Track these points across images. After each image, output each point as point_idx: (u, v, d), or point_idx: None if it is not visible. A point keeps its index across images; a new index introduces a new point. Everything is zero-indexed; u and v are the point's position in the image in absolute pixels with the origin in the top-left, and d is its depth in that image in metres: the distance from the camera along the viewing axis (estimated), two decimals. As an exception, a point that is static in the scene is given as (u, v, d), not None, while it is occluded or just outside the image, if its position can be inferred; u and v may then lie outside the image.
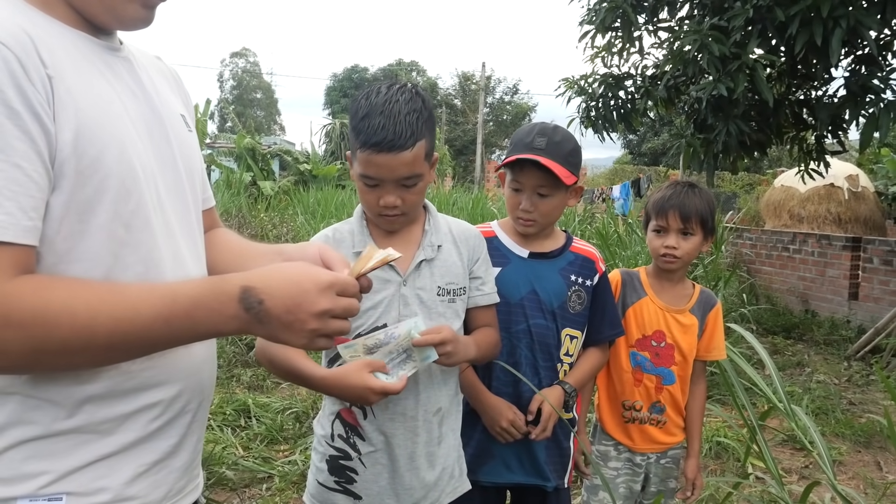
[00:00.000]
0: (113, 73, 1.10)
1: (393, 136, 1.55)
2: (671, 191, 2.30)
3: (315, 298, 1.02)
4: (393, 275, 1.70)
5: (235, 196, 12.76)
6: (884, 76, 5.08)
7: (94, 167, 0.99)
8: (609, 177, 28.33)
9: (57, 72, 0.97)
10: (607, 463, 2.37)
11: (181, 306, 0.98)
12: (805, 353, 7.01)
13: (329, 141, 28.23)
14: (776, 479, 1.77)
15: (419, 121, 1.59)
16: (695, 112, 6.09)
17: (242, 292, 1.00)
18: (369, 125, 1.56)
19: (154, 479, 1.11)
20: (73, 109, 0.97)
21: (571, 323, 2.07)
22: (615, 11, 6.01)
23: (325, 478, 1.76)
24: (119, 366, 1.04)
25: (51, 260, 0.97)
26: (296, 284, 1.02)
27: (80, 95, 0.99)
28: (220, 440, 4.08)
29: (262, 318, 1.01)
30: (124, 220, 1.03)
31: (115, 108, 1.06)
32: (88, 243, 1.00)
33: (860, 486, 4.00)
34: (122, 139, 1.04)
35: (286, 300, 1.01)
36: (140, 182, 1.06)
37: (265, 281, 1.02)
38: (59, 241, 0.98)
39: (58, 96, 0.96)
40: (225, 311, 1.00)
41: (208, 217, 1.43)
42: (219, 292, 1.00)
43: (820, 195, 10.95)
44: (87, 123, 0.98)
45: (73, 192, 0.97)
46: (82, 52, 1.06)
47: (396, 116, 1.56)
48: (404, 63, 51.79)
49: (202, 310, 0.99)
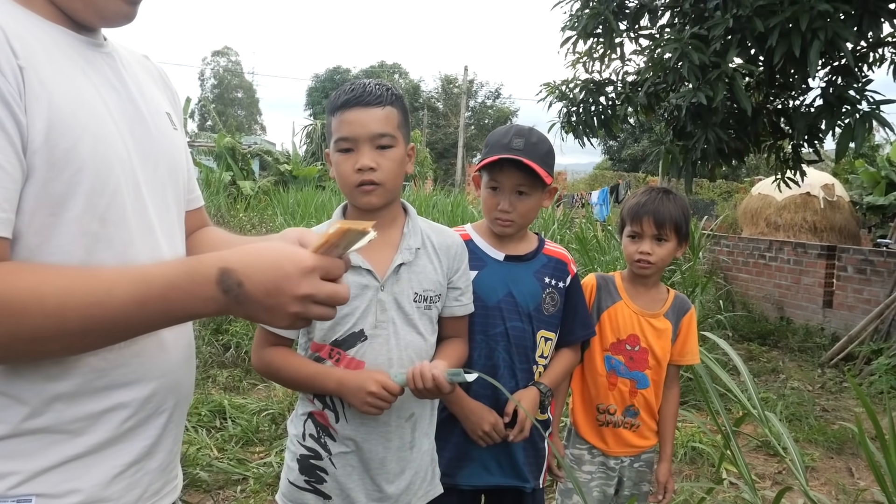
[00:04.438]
0: (93, 69, 1.09)
1: (362, 93, 1.67)
2: (646, 197, 2.32)
3: (297, 281, 0.97)
4: (370, 279, 1.70)
5: (214, 195, 12.63)
6: (860, 87, 5.16)
7: (67, 159, 0.97)
8: (589, 182, 28.49)
9: (29, 63, 0.95)
10: (581, 466, 2.38)
11: (155, 289, 0.95)
12: (780, 359, 7.09)
13: (310, 142, 28.13)
14: (749, 485, 1.79)
15: (389, 92, 1.71)
16: (674, 119, 6.14)
17: (220, 274, 0.96)
18: (341, 91, 1.72)
19: (129, 481, 1.09)
20: (45, 101, 0.95)
21: (546, 325, 2.08)
22: (597, 18, 6.06)
23: (295, 477, 1.75)
24: (90, 363, 1.02)
25: (23, 254, 0.96)
26: (276, 267, 0.97)
27: (55, 87, 0.98)
28: (194, 441, 4.04)
29: (242, 301, 0.97)
30: (98, 214, 1.01)
31: (93, 102, 1.04)
32: (61, 238, 0.98)
33: (832, 491, 4.05)
34: (97, 133, 1.02)
35: (266, 283, 0.97)
36: (116, 177, 1.04)
37: (244, 261, 0.98)
38: (30, 234, 0.96)
39: (30, 87, 0.94)
40: (201, 294, 0.96)
41: (197, 217, 1.42)
42: (195, 274, 0.96)
43: (796, 204, 11.10)
44: (60, 115, 0.97)
45: (44, 184, 0.95)
46: (60, 46, 1.04)
47: (367, 85, 1.70)
48: (387, 65, 51.79)
49: (177, 292, 0.96)
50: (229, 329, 5.90)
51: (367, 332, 1.69)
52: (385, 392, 1.60)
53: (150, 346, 1.10)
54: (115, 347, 1.04)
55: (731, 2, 5.04)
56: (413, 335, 1.73)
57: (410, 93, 46.90)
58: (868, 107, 5.07)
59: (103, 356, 1.03)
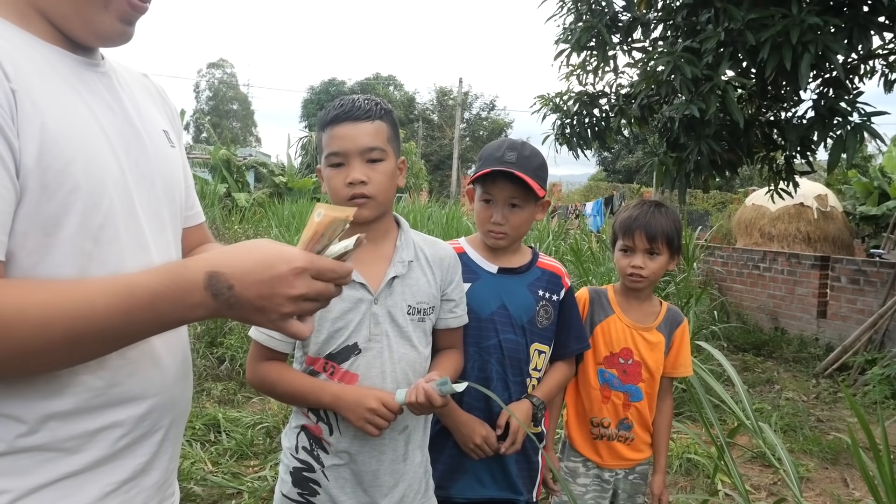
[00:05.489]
0: (88, 89, 1.09)
1: (351, 108, 1.70)
2: (637, 211, 2.33)
3: (291, 282, 0.97)
4: (364, 293, 1.70)
5: (210, 207, 12.62)
6: (851, 99, 5.19)
7: (60, 180, 0.97)
8: (584, 193, 28.52)
9: (21, 86, 0.96)
10: (576, 479, 2.38)
11: (140, 299, 0.94)
12: (774, 370, 7.10)
13: (305, 154, 28.11)
14: (743, 496, 1.79)
15: (379, 107, 1.73)
16: (667, 131, 6.16)
17: (208, 279, 0.95)
18: (331, 106, 1.74)
19: (123, 498, 1.09)
20: (38, 123, 0.96)
21: (539, 338, 2.08)
22: (590, 31, 6.09)
23: (288, 489, 1.76)
24: (85, 381, 1.02)
25: (17, 275, 0.96)
26: (268, 266, 0.96)
27: (47, 109, 0.98)
28: (188, 455, 4.03)
29: (233, 304, 0.96)
30: (92, 233, 1.02)
31: (87, 122, 1.05)
32: (55, 258, 0.98)
33: (827, 502, 4.05)
34: (90, 152, 1.02)
35: (259, 284, 0.96)
36: (110, 196, 1.04)
37: (233, 263, 0.97)
38: (24, 255, 0.96)
39: (22, 110, 0.94)
40: (189, 300, 0.95)
41: (198, 233, 1.42)
42: (181, 280, 0.95)
43: (790, 214, 11.14)
44: (53, 137, 0.97)
45: (37, 205, 0.96)
46: (55, 67, 1.04)
47: (356, 100, 1.72)
48: (382, 77, 51.85)
49: (164, 300, 0.95)
50: (224, 342, 5.88)
51: (360, 345, 1.69)
52: (385, 409, 1.61)
53: (146, 364, 1.10)
54: (110, 366, 1.04)
55: (723, 15, 5.07)
56: (407, 348, 1.74)
57: (405, 105, 47.01)
58: (859, 118, 5.09)
59: (98, 374, 1.03)
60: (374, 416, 1.61)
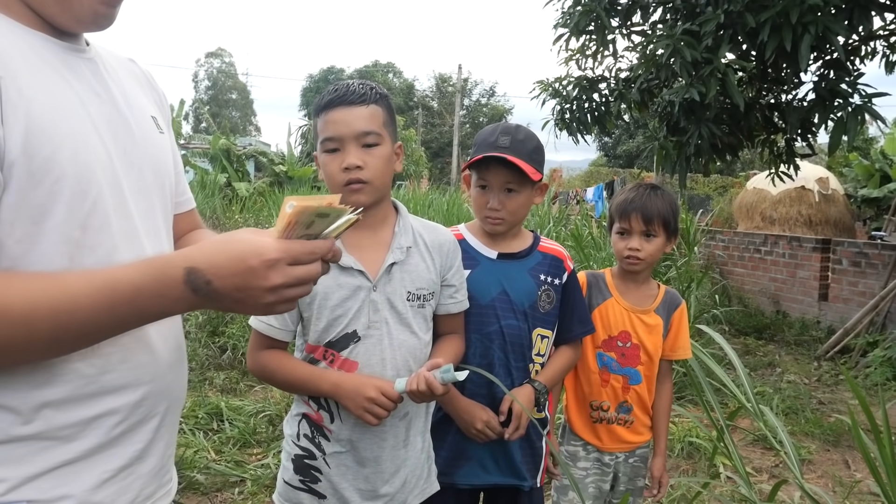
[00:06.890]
0: (74, 75, 1.08)
1: (346, 92, 1.68)
2: (634, 193, 2.32)
3: (264, 275, 0.97)
4: (363, 280, 1.70)
5: (210, 197, 12.63)
6: (851, 81, 5.16)
7: (46, 168, 0.97)
8: (584, 179, 28.48)
9: (7, 72, 0.95)
10: (576, 463, 2.39)
11: (122, 294, 0.95)
12: (776, 353, 7.11)
13: (305, 142, 28.05)
14: (743, 478, 1.79)
15: (374, 91, 1.71)
16: (667, 115, 6.14)
17: (187, 274, 0.96)
18: (325, 92, 1.73)
19: (120, 486, 1.09)
20: (23, 110, 0.95)
21: (542, 322, 2.08)
22: (589, 15, 6.05)
23: (290, 476, 1.76)
24: (78, 370, 1.02)
25: (5, 264, 0.96)
26: (240, 260, 0.97)
27: (33, 96, 0.97)
28: (191, 444, 4.04)
29: (214, 297, 0.98)
30: (80, 221, 1.01)
31: (73, 109, 1.04)
32: (44, 246, 0.98)
33: (829, 484, 4.06)
34: (77, 139, 1.02)
35: (234, 279, 0.97)
36: (98, 183, 1.04)
37: (209, 259, 0.97)
38: (12, 244, 0.96)
39: (7, 97, 0.94)
40: (170, 295, 0.97)
41: (188, 219, 1.41)
42: (162, 276, 0.96)
43: (791, 197, 11.10)
44: (39, 124, 0.96)
45: (24, 193, 0.95)
46: (40, 53, 1.04)
47: (351, 85, 1.71)
48: (381, 64, 51.65)
49: (145, 295, 0.96)
50: (226, 331, 5.89)
51: (360, 332, 1.69)
52: (384, 398, 1.60)
53: (138, 351, 1.10)
54: (102, 353, 1.04)
55: (722, -3, 5.05)
56: (407, 334, 1.74)
57: (405, 92, 46.85)
58: (860, 100, 5.06)
59: (90, 362, 1.04)
60: (373, 405, 1.60)
